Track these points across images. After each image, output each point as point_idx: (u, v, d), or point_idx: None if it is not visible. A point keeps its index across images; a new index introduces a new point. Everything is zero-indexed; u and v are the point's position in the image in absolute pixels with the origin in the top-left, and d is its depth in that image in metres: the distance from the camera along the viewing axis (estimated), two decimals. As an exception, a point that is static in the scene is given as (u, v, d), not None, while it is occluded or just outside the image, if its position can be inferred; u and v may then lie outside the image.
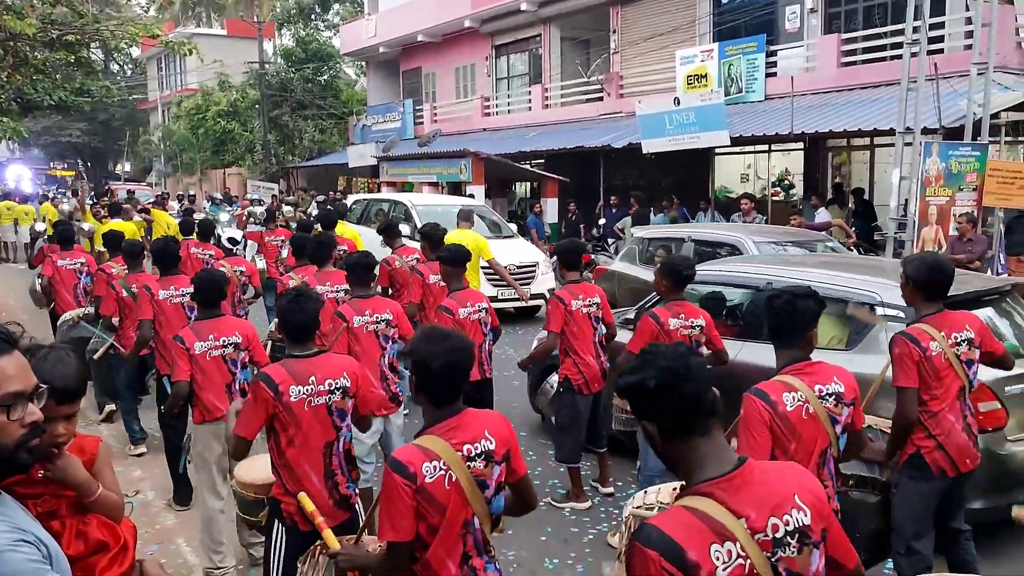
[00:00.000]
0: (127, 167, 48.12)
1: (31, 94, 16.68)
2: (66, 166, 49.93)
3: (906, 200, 10.37)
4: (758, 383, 3.19)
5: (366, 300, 5.37)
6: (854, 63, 15.52)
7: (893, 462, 3.94)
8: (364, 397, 3.78)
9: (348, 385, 3.66)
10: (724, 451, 1.97)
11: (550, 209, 18.45)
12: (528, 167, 20.37)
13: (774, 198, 17.40)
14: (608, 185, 19.01)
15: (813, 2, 16.33)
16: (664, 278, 5.21)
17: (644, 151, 15.86)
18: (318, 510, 3.33)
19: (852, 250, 10.28)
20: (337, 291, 6.64)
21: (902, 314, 4.92)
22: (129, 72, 51.39)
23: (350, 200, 16.62)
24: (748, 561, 1.84)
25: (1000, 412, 4.41)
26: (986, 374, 4.29)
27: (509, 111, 24.55)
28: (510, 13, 22.91)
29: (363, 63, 33.62)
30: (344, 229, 10.64)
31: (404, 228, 12.18)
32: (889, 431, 4.01)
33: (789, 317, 3.25)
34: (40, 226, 14.01)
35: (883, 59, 14.71)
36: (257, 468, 4.03)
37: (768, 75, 16.71)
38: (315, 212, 14.55)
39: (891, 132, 11.23)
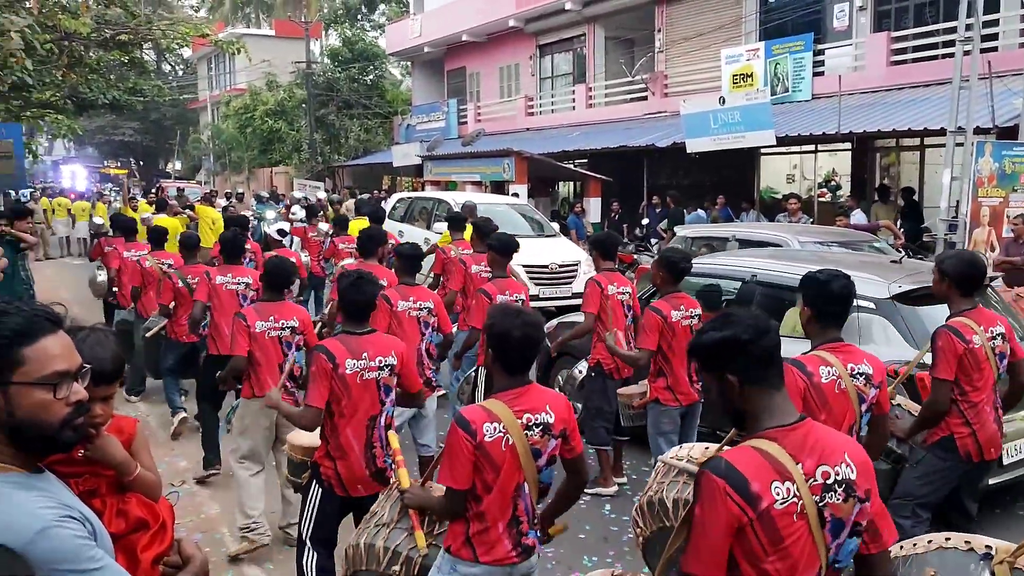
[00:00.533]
0: (177, 165, 48.99)
1: (86, 93, 17.09)
2: (119, 164, 51.04)
3: (957, 201, 10.17)
4: (795, 356, 3.36)
5: (411, 288, 5.70)
6: (904, 62, 15.25)
7: (918, 439, 4.13)
8: (409, 376, 4.10)
9: (395, 363, 3.96)
10: (790, 405, 2.21)
11: (593, 209, 18.38)
12: (571, 166, 20.34)
13: (820, 199, 17.14)
14: (652, 185, 18.92)
15: (862, 0, 16.07)
16: (661, 270, 5.34)
17: (688, 151, 15.73)
18: (356, 478, 3.64)
19: (901, 252, 10.07)
20: None
21: (873, 305, 5.25)
22: (180, 72, 52.37)
23: (393, 198, 16.73)
24: (800, 502, 2.04)
25: None
26: None
27: (553, 111, 24.52)
28: (554, 12, 22.89)
29: (408, 63, 33.84)
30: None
31: (447, 227, 12.32)
32: (915, 413, 4.19)
33: (844, 299, 3.42)
34: (99, 220, 14.39)
35: (934, 58, 14.43)
36: (306, 433, 4.24)
37: (815, 74, 16.47)
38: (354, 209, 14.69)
39: (942, 132, 11.01)
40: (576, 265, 12.48)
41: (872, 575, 2.26)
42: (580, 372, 6.47)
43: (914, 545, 2.63)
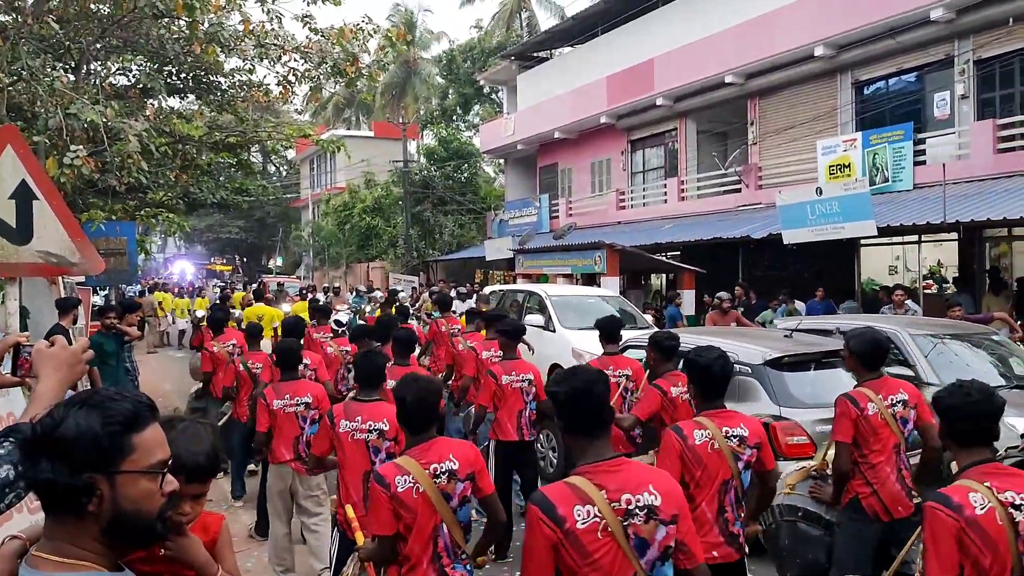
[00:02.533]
0: (279, 261, 50.88)
1: (196, 193, 17.98)
2: (224, 261, 53.39)
3: (1079, 291, 9.59)
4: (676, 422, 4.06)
5: (402, 368, 6.29)
6: (1012, 149, 14.73)
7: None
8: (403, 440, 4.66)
9: (386, 429, 4.58)
10: (605, 449, 2.73)
11: (687, 301, 18.08)
12: (663, 259, 20.18)
13: (927, 291, 16.46)
14: (747, 277, 18.55)
15: (964, 88, 15.71)
16: (652, 351, 5.88)
17: (785, 242, 15.41)
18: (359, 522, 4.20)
19: (1021, 345, 9.48)
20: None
21: (749, 369, 6.40)
22: (284, 172, 54.86)
23: (486, 290, 16.89)
24: (603, 520, 2.57)
25: (808, 445, 5.39)
26: (802, 416, 5.82)
27: (645, 204, 24.53)
28: (646, 108, 23.14)
29: (501, 160, 34.63)
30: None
31: (538, 318, 12.46)
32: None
33: (723, 377, 3.97)
34: (200, 313, 15.00)
35: (1045, 144, 13.90)
36: None
37: (916, 163, 16.06)
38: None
39: (1058, 219, 10.50)
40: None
41: None
42: None
43: None
